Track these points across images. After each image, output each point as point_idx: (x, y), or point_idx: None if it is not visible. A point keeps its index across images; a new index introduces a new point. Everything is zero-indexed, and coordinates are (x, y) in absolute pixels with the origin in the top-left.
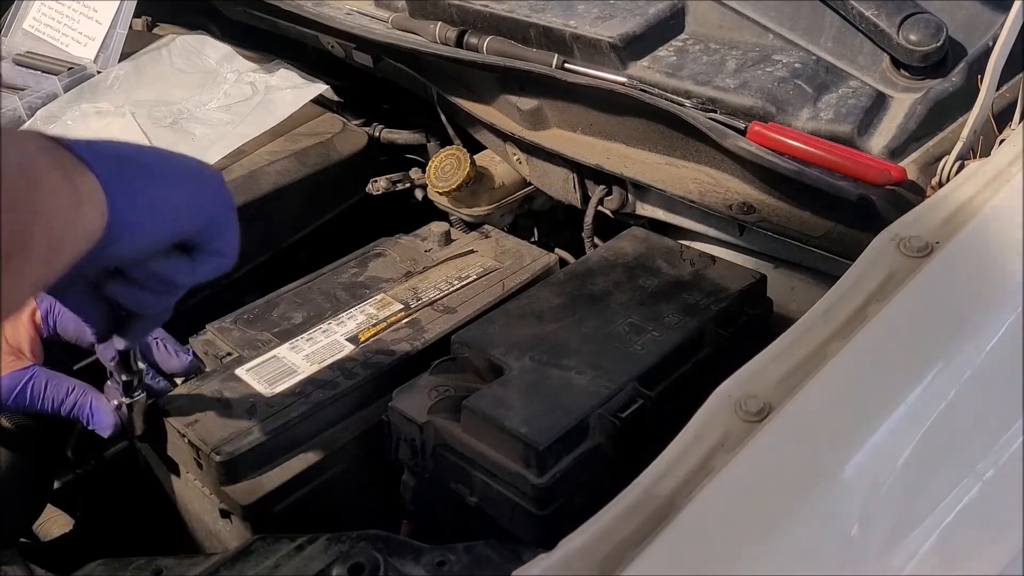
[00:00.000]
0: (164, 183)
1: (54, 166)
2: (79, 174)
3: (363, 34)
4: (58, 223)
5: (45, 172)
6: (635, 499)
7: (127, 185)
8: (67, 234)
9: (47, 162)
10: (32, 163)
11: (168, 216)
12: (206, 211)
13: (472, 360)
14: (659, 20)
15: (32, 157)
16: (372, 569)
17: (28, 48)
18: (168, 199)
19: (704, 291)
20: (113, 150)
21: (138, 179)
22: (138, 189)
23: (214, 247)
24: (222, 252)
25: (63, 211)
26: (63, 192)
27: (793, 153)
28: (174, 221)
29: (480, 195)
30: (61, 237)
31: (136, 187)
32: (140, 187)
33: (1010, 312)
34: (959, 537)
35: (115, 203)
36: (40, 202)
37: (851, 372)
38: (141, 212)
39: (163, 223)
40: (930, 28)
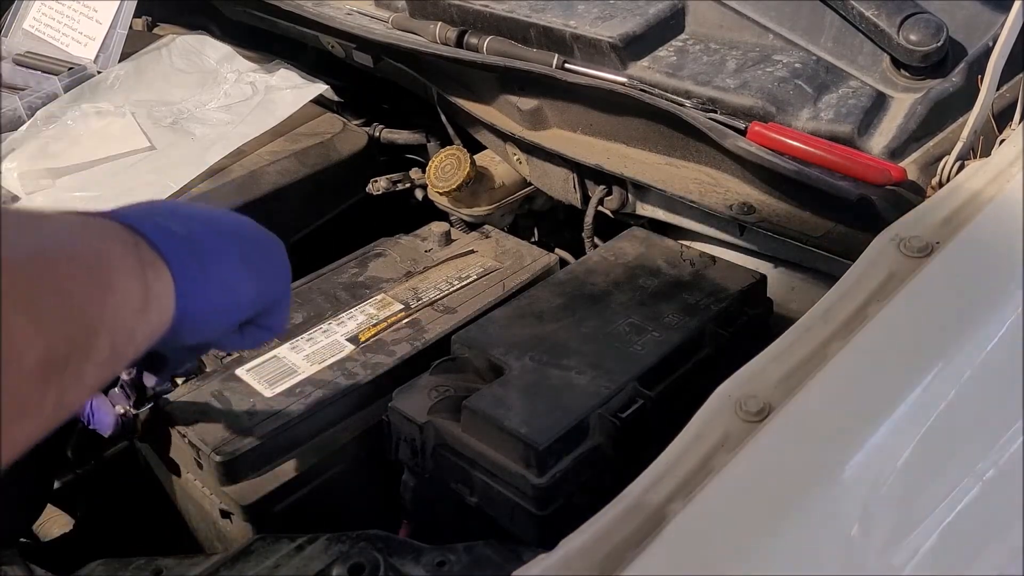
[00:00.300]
0: (234, 269)
1: (128, 266)
2: (152, 271)
3: (363, 34)
4: (124, 328)
5: (118, 272)
6: (635, 499)
7: (198, 282)
8: (131, 340)
9: (122, 261)
10: (107, 261)
11: (234, 309)
12: (270, 295)
13: (472, 360)
14: (659, 20)
15: (107, 255)
16: (372, 569)
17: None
18: (237, 290)
19: (704, 291)
20: (187, 231)
21: (209, 270)
22: (209, 286)
23: (267, 324)
24: (272, 329)
25: (131, 315)
26: (134, 295)
27: (793, 153)
28: (239, 311)
29: (480, 195)
30: (125, 343)
31: (206, 284)
32: (210, 283)
33: (1010, 312)
34: (959, 537)
35: (183, 303)
36: (110, 305)
37: (851, 372)
38: (208, 310)
39: (229, 316)
40: (930, 28)
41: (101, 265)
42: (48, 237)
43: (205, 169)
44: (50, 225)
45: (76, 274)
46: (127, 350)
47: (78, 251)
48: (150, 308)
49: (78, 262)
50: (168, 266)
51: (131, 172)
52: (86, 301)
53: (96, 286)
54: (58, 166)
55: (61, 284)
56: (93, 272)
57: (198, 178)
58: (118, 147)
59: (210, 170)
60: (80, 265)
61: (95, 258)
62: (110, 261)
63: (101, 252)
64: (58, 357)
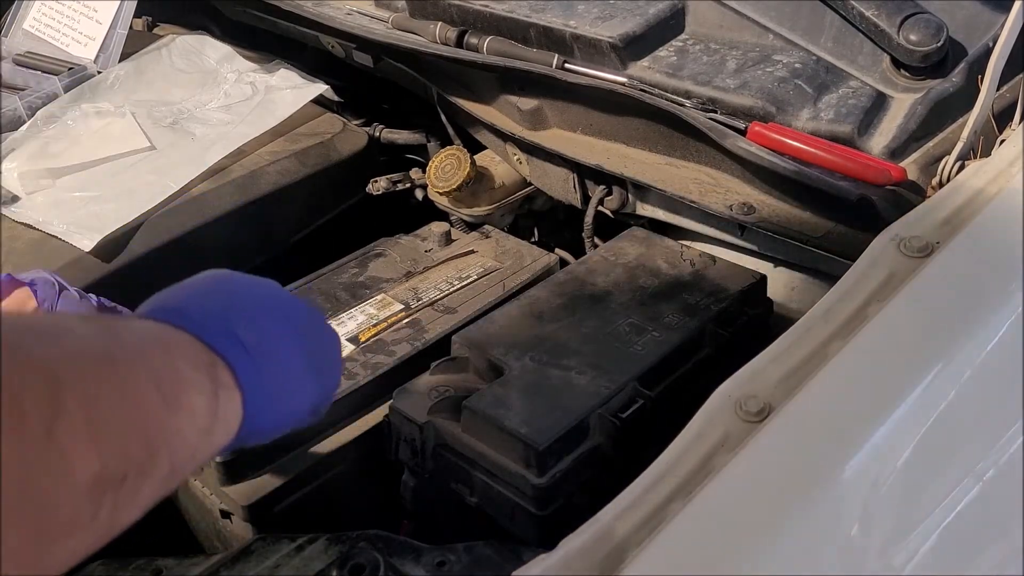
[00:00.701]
0: (301, 378)
1: (201, 385)
2: (224, 392)
3: (363, 34)
4: (187, 448)
5: (190, 392)
6: (635, 499)
7: (268, 401)
8: (192, 459)
9: (194, 380)
10: (179, 379)
11: (297, 417)
12: (328, 393)
13: (472, 360)
14: (659, 20)
15: (181, 372)
16: (372, 569)
17: (28, 48)
18: (302, 399)
19: (704, 291)
20: (258, 339)
21: (280, 389)
22: (277, 404)
23: (317, 412)
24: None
25: (196, 435)
26: (202, 416)
27: (793, 153)
28: (301, 417)
29: (480, 195)
30: (185, 461)
31: (275, 402)
32: (279, 402)
33: (1010, 312)
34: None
35: (249, 422)
36: (175, 425)
37: (851, 372)
38: (272, 426)
39: (290, 424)
40: (930, 28)
41: (173, 382)
42: (122, 343)
43: (205, 169)
44: (126, 331)
45: (145, 389)
46: (186, 468)
47: (151, 365)
48: (216, 429)
49: (149, 376)
50: (240, 387)
51: (131, 172)
52: (151, 419)
53: (164, 404)
54: (58, 166)
55: (127, 397)
56: (163, 389)
57: (198, 178)
58: (118, 147)
59: (210, 170)
60: (151, 380)
61: (168, 374)
62: (183, 379)
63: (175, 369)
64: (114, 475)
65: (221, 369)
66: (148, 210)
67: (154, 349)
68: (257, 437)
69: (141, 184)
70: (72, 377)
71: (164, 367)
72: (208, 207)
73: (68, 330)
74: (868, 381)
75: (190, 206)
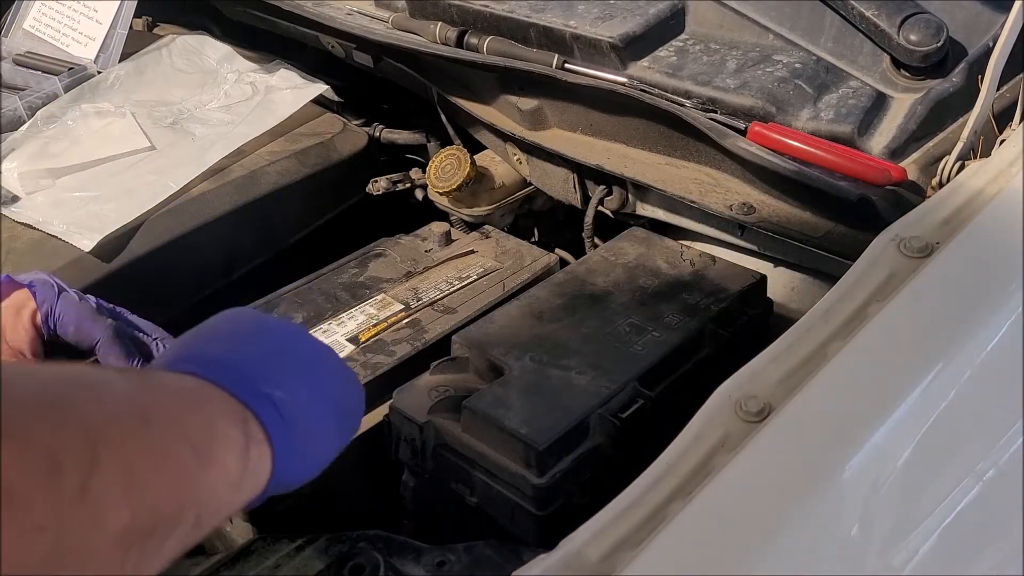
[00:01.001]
0: (329, 434)
1: (233, 441)
2: (256, 447)
3: (363, 34)
4: (215, 502)
5: (222, 448)
6: (635, 499)
7: (296, 456)
8: (219, 513)
9: (227, 436)
10: (213, 436)
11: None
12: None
13: (472, 360)
14: (659, 20)
15: (215, 429)
16: (372, 569)
17: (28, 48)
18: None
19: (704, 291)
20: (292, 398)
21: (308, 445)
22: (305, 460)
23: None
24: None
25: (225, 491)
26: (232, 471)
27: (793, 153)
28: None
29: (480, 195)
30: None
31: (304, 458)
32: (307, 458)
33: (1010, 312)
34: (959, 537)
35: (277, 477)
36: (206, 481)
37: (851, 372)
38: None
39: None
40: (930, 28)
41: (208, 439)
42: (158, 401)
43: (205, 169)
44: (162, 388)
45: (179, 447)
46: (213, 521)
47: (187, 422)
48: (245, 484)
49: (184, 434)
50: (270, 443)
51: (131, 172)
52: (184, 476)
53: (197, 461)
54: (58, 166)
55: (161, 455)
56: (198, 446)
57: (198, 178)
58: (118, 147)
59: (210, 170)
60: (185, 438)
61: (203, 431)
62: (217, 435)
63: (210, 425)
64: (144, 529)
65: (252, 424)
66: (148, 210)
67: (190, 406)
68: (283, 488)
69: (141, 184)
70: (110, 434)
71: (199, 424)
72: (208, 207)
73: (108, 386)
74: (868, 381)
75: (190, 206)
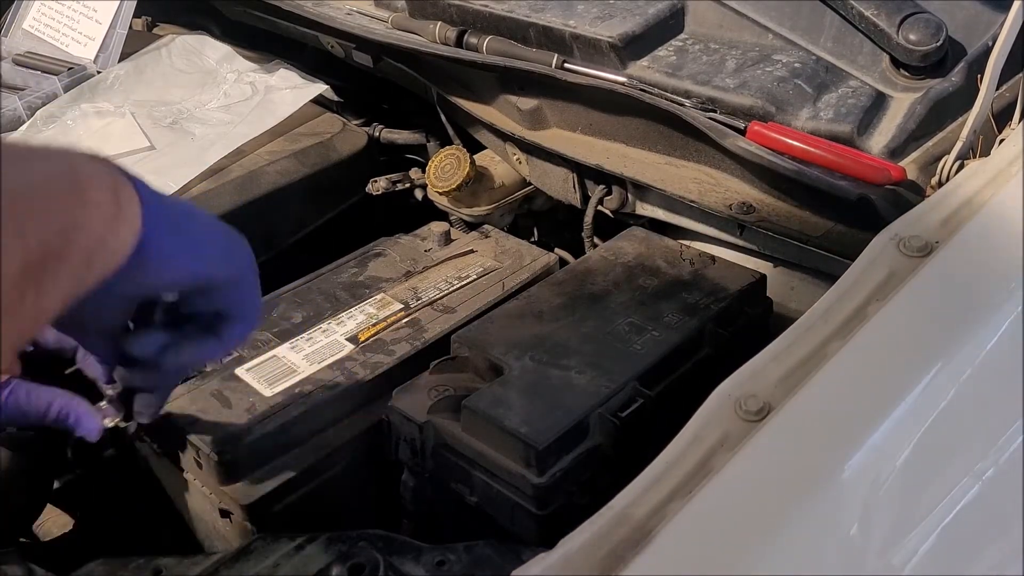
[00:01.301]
0: (199, 223)
1: (104, 183)
2: (125, 191)
3: (363, 34)
4: (96, 235)
5: (94, 188)
6: (635, 499)
7: (165, 212)
8: (103, 247)
9: (98, 179)
10: (84, 178)
11: (199, 255)
12: (235, 264)
13: (472, 360)
14: (659, 20)
15: (85, 173)
16: (372, 569)
17: (28, 48)
18: (202, 239)
19: (704, 291)
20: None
21: (175, 211)
22: (174, 220)
23: (240, 313)
24: (247, 318)
25: (102, 224)
26: (106, 207)
27: (793, 153)
28: (204, 262)
29: (480, 195)
30: (97, 249)
31: (172, 218)
32: (176, 219)
33: (1010, 312)
34: (959, 537)
35: (149, 228)
36: (83, 213)
37: (851, 372)
38: (173, 243)
39: (194, 261)
40: (930, 28)
41: (79, 181)
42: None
43: (205, 169)
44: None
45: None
46: (99, 257)
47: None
48: (120, 219)
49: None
50: (137, 192)
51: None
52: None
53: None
54: None
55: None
56: (72, 186)
57: (198, 178)
58: (118, 147)
59: (210, 170)
60: (60, 179)
61: (73, 174)
62: (88, 177)
63: (80, 170)
64: (36, 263)
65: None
66: None
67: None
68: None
69: None
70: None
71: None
72: (208, 207)
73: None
74: (868, 380)
75: None
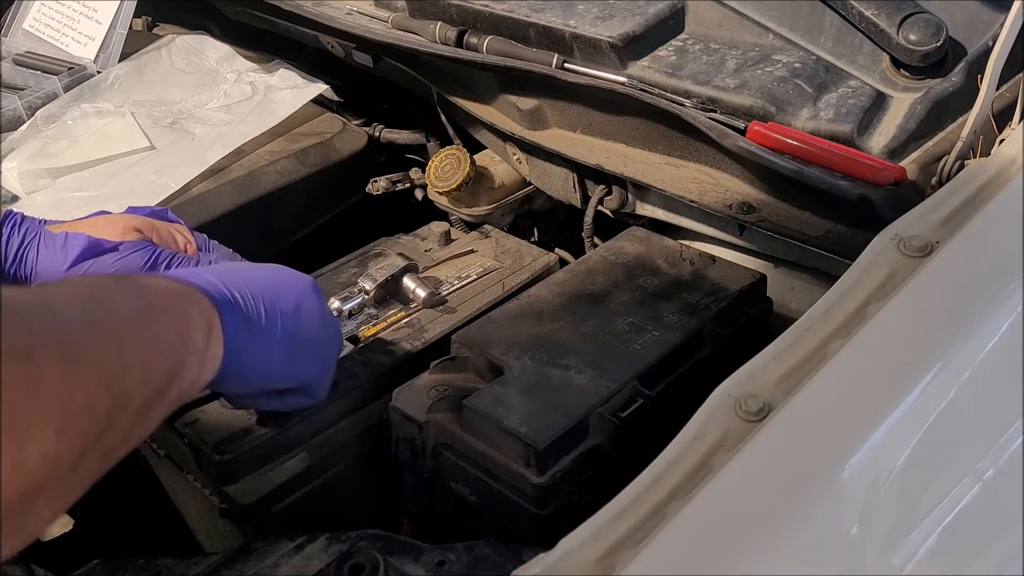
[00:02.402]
0: (272, 347)
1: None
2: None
3: (363, 34)
4: (191, 375)
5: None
6: (634, 498)
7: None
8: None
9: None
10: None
11: (268, 377)
12: (305, 373)
13: (472, 360)
14: (659, 20)
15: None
16: (372, 569)
17: (28, 48)
18: (272, 363)
19: (704, 291)
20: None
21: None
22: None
23: (307, 393)
24: (311, 398)
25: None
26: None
27: (793, 153)
28: (271, 380)
29: (480, 195)
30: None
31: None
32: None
33: (1010, 312)
34: (959, 537)
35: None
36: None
37: (851, 372)
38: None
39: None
40: (930, 28)
41: (185, 327)
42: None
43: (205, 169)
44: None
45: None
46: (189, 391)
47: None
48: (210, 358)
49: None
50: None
51: (131, 172)
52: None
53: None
54: (58, 166)
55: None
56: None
57: (198, 178)
58: (118, 147)
59: (210, 170)
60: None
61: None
62: (191, 323)
63: (186, 315)
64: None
65: (215, 316)
66: None
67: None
68: (238, 383)
69: (141, 184)
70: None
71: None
72: (208, 207)
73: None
74: (868, 380)
75: (190, 206)
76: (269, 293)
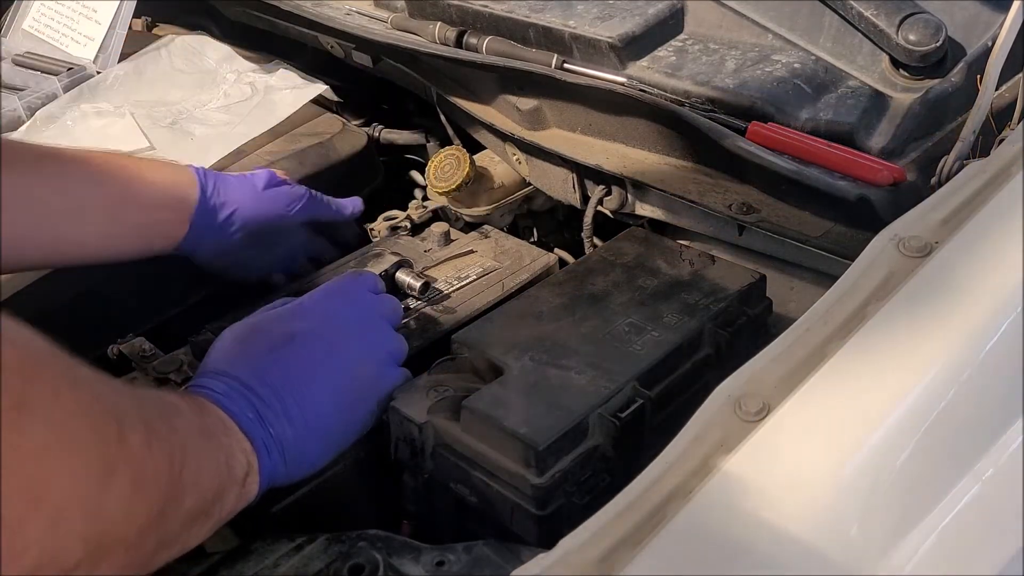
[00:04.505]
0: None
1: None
2: (252, 458)
3: (363, 34)
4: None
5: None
6: (634, 498)
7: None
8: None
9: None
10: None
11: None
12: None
13: (472, 360)
14: (658, 20)
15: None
16: (372, 569)
17: (28, 48)
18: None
19: (703, 291)
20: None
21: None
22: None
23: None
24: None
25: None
26: (241, 477)
27: (792, 153)
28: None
29: (480, 195)
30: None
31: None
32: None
33: (1010, 312)
34: (959, 537)
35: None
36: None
37: (850, 372)
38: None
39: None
40: (929, 28)
41: (231, 463)
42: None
43: None
44: (208, 412)
45: (219, 454)
46: (225, 517)
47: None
48: (249, 483)
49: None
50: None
51: None
52: (220, 476)
53: (227, 468)
54: None
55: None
56: (226, 468)
57: None
58: (117, 147)
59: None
60: (222, 450)
61: (228, 457)
62: (234, 457)
63: (230, 450)
64: (199, 512)
65: (252, 456)
66: None
67: (224, 433)
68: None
69: None
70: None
71: (226, 446)
72: None
73: (179, 410)
74: (867, 381)
75: None
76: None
